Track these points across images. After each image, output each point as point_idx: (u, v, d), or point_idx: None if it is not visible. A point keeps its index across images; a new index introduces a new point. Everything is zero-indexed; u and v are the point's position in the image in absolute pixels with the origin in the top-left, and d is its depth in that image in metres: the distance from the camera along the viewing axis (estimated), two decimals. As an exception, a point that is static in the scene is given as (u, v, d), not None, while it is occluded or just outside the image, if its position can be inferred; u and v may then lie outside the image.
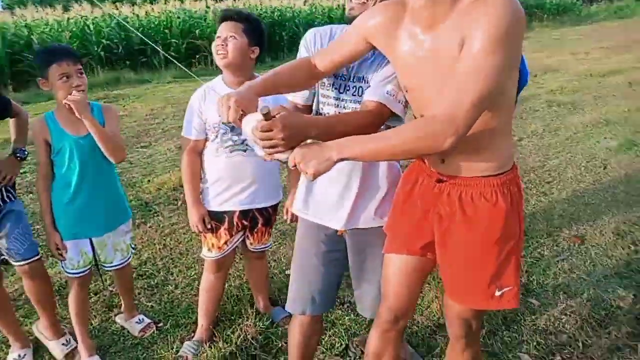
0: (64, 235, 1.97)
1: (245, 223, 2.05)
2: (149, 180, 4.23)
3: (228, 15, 1.85)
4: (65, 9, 12.51)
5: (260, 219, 2.08)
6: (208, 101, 1.92)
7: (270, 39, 12.17)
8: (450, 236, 1.35)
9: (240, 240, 2.12)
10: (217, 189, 1.98)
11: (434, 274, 2.26)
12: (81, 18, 11.09)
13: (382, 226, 1.54)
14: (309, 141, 1.19)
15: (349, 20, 1.46)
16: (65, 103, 1.83)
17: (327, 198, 1.57)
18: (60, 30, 10.43)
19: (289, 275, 2.71)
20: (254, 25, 1.88)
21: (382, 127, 1.42)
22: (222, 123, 1.90)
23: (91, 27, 10.82)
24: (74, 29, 10.56)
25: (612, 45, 11.64)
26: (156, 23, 11.78)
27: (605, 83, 7.19)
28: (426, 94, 1.23)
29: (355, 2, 1.44)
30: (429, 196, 1.37)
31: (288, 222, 2.09)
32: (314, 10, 14.73)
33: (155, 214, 3.59)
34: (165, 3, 13.77)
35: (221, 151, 1.94)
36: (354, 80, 1.49)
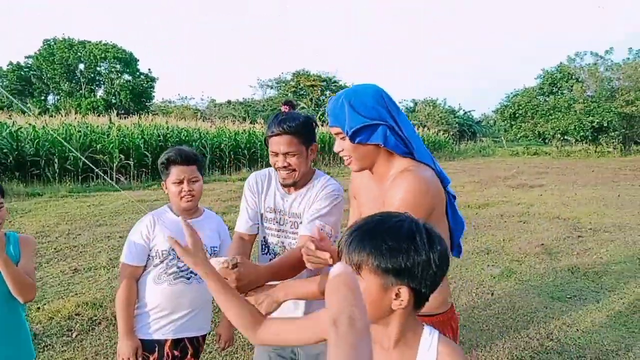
0: None
1: (176, 353, 1.99)
2: (38, 308, 3.82)
3: (188, 159, 1.95)
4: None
5: (190, 348, 2.03)
6: (157, 228, 1.96)
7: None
8: None
9: None
10: (153, 316, 1.95)
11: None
12: (-33, 124, 10.41)
13: None
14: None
15: (283, 185, 1.84)
16: None
17: (281, 311, 1.71)
18: (-60, 136, 9.62)
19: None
20: (202, 163, 2.06)
21: None
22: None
23: (-22, 134, 10.16)
24: (-43, 136, 9.82)
25: (482, 179, 13.53)
26: (54, 135, 11.40)
27: (481, 214, 8.24)
28: None
29: (285, 173, 1.77)
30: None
31: (221, 349, 2.08)
32: (221, 132, 15.35)
33: (46, 348, 3.22)
34: (66, 116, 13.53)
35: (164, 278, 1.94)
36: (290, 215, 1.83)
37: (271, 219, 1.86)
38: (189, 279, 1.96)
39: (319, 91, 38.72)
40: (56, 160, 11.01)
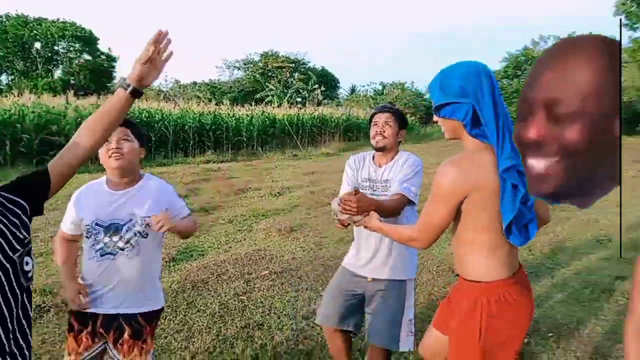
0: None
1: (106, 331, 1.90)
2: None
3: None
4: None
5: (127, 329, 1.89)
6: (83, 200, 1.92)
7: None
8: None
9: (100, 349, 1.92)
10: (88, 290, 1.90)
11: None
12: None
13: (393, 279, 2.33)
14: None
15: (376, 148, 2.39)
16: None
17: (364, 258, 2.40)
18: None
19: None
20: (139, 129, 1.99)
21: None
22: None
23: None
24: None
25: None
26: (6, 116, 10.84)
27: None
28: None
29: (379, 138, 2.36)
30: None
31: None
32: (184, 113, 14.97)
33: None
34: (19, 96, 12.87)
35: (92, 254, 1.88)
36: (381, 182, 2.39)
37: (366, 187, 2.41)
38: (114, 254, 1.88)
39: (287, 73, 38.25)
40: (8, 142, 10.50)
